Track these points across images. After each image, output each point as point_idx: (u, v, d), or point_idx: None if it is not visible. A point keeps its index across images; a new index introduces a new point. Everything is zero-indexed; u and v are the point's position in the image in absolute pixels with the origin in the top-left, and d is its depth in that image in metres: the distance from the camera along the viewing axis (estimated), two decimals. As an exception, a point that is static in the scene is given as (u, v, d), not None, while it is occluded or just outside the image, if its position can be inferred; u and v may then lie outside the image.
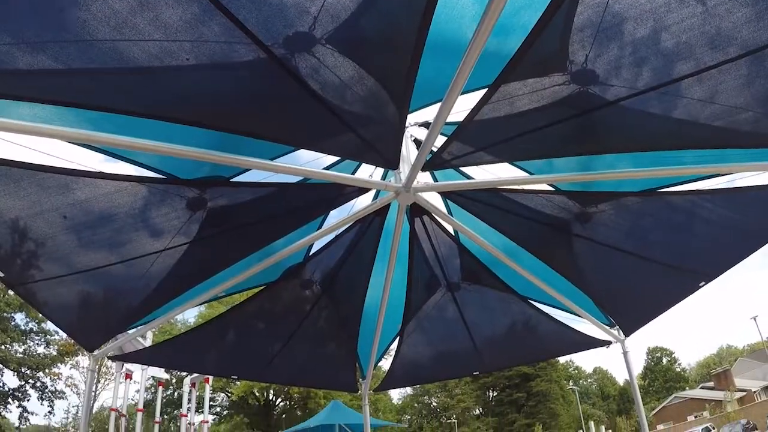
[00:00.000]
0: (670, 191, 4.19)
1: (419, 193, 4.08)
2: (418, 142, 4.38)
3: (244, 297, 5.70)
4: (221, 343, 6.15)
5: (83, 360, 37.43)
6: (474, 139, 3.53)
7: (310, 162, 3.99)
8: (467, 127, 3.29)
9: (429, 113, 3.99)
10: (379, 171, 4.46)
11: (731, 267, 5.14)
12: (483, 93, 3.04)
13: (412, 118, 4.19)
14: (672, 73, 2.90)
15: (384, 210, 4.59)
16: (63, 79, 2.64)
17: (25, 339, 37.93)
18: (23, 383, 38.21)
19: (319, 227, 4.82)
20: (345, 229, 4.85)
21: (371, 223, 4.76)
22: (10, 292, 33.85)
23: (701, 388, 61.50)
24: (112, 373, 33.34)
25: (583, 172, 4.00)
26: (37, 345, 39.12)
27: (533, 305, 6.06)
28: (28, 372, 37.91)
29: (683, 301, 5.52)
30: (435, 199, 4.58)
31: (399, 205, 4.26)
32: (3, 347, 35.67)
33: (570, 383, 71.77)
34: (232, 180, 3.88)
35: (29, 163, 3.15)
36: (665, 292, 5.58)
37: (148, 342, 11.51)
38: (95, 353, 5.33)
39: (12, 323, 36.86)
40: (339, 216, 4.68)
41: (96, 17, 2.23)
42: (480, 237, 4.75)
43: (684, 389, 66.77)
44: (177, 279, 4.60)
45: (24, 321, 37.70)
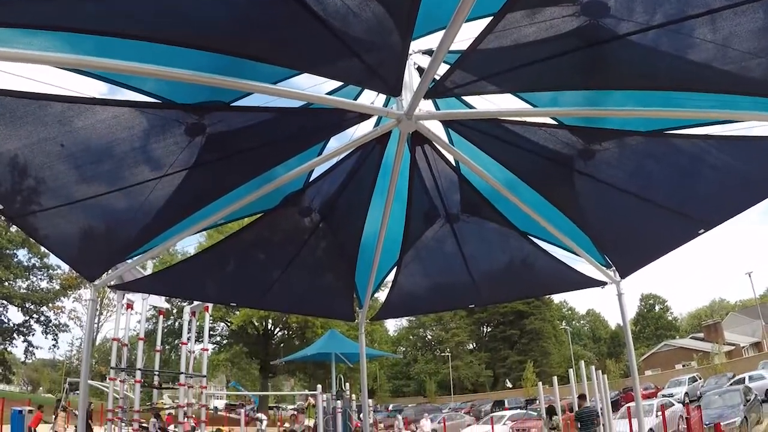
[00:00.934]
0: (677, 134, 4.13)
1: (421, 121, 4.04)
2: (420, 70, 4.30)
3: (242, 225, 5.76)
4: (220, 271, 6.22)
5: (86, 293, 38.12)
6: (477, 68, 3.46)
7: (310, 88, 3.94)
8: (471, 56, 3.22)
9: (433, 41, 3.91)
10: (381, 100, 4.39)
11: (732, 217, 5.13)
12: (488, 21, 2.96)
13: (415, 45, 4.11)
14: (686, 10, 2.80)
15: (385, 138, 4.55)
16: (63, 4, 2.58)
17: (28, 275, 38.44)
18: (27, 318, 39.02)
19: (319, 154, 4.80)
20: (345, 157, 4.83)
21: (372, 151, 4.73)
22: (12, 229, 34.20)
23: (691, 338, 62.71)
24: (114, 306, 33.84)
25: (589, 107, 3.93)
26: (40, 280, 39.82)
27: (532, 241, 6.10)
28: (32, 307, 38.61)
29: (680, 251, 5.56)
30: (437, 129, 4.53)
31: (400, 133, 4.22)
32: (6, 283, 36.15)
33: (563, 324, 72.97)
34: (232, 105, 3.83)
35: (27, 92, 3.11)
36: (664, 236, 5.59)
37: (148, 273, 11.74)
38: (96, 283, 5.44)
39: (15, 260, 37.20)
40: (339, 145, 4.66)
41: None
42: (481, 168, 4.73)
43: (674, 338, 67.96)
44: (175, 207, 4.62)
45: (27, 257, 38.21)
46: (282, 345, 41.95)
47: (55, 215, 4.23)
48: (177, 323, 31.80)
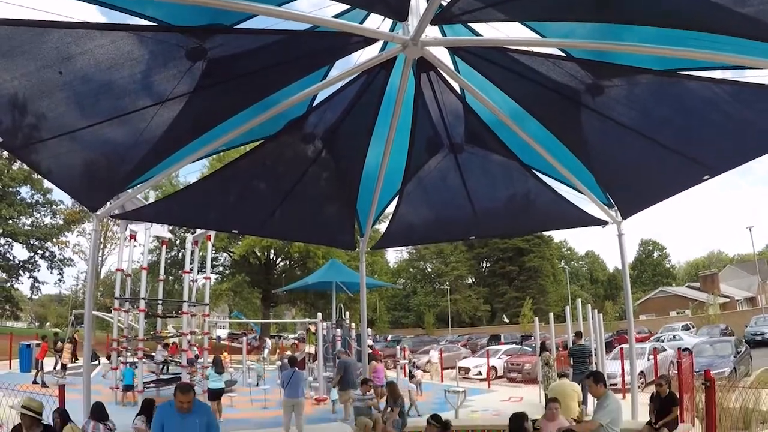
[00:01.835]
0: (689, 75, 4.02)
1: (427, 47, 3.95)
2: (428, -6, 4.15)
3: (244, 153, 5.73)
4: (222, 199, 6.24)
5: (89, 226, 38.19)
6: (487, -6, 3.34)
7: (315, 12, 3.83)
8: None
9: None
10: (387, 26, 4.28)
11: (738, 165, 5.09)
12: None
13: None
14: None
15: (389, 65, 4.46)
16: None
17: (32, 211, 38.35)
18: (32, 254, 39.13)
19: (323, 79, 4.71)
20: (349, 83, 4.75)
21: (376, 77, 4.64)
22: (14, 166, 34.09)
23: (687, 286, 63.16)
24: (117, 238, 33.95)
25: (600, 40, 3.81)
26: (44, 216, 39.69)
27: (535, 175, 6.08)
28: (36, 243, 38.74)
29: (681, 199, 5.60)
30: (443, 56, 4.43)
31: (405, 59, 4.14)
32: (11, 221, 36.22)
33: (562, 263, 73.37)
34: (235, 27, 3.73)
35: (24, 20, 3.04)
36: (668, 178, 5.54)
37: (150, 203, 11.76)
38: (98, 213, 5.50)
39: (18, 197, 37.14)
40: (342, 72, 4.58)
41: None
42: (486, 97, 4.66)
43: (671, 285, 68.45)
44: (176, 133, 4.59)
45: (29, 194, 37.97)
46: (284, 275, 42.45)
47: (56, 145, 4.22)
48: (180, 254, 32.11)
